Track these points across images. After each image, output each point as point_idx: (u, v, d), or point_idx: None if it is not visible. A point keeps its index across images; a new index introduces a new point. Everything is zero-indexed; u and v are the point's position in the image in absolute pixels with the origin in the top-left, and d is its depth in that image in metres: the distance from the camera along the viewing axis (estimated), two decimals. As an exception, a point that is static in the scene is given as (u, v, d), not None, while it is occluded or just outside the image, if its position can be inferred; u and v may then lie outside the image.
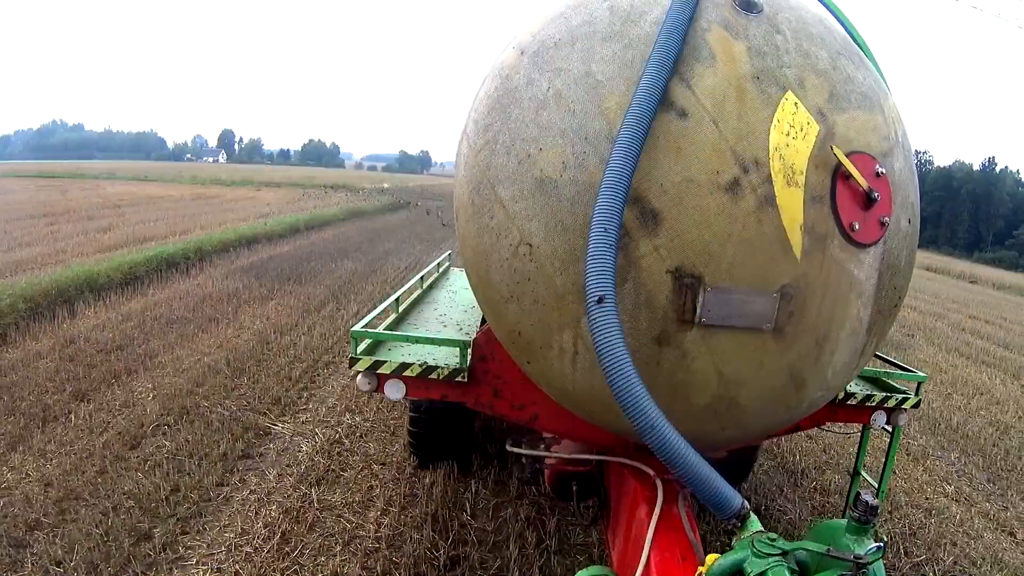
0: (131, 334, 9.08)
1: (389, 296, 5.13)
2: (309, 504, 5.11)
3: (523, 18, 3.27)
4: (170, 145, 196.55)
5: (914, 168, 3.01)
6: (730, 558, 2.19)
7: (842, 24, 3.14)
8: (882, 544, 2.10)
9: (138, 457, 5.67)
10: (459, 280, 7.00)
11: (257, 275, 13.89)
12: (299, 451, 6.04)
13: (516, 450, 4.18)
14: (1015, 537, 5.97)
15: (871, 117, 2.72)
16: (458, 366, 3.78)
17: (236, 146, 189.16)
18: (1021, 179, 79.68)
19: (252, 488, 5.35)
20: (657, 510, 3.16)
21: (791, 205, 2.48)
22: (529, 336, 2.88)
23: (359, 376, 3.88)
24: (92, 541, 4.43)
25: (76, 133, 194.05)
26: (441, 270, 7.40)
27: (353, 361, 3.86)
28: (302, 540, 4.66)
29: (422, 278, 6.31)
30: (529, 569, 4.52)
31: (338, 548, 4.61)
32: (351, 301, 12.05)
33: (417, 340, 4.14)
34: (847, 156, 2.55)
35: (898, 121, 2.91)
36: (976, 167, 78.42)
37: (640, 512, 3.28)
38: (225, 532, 4.72)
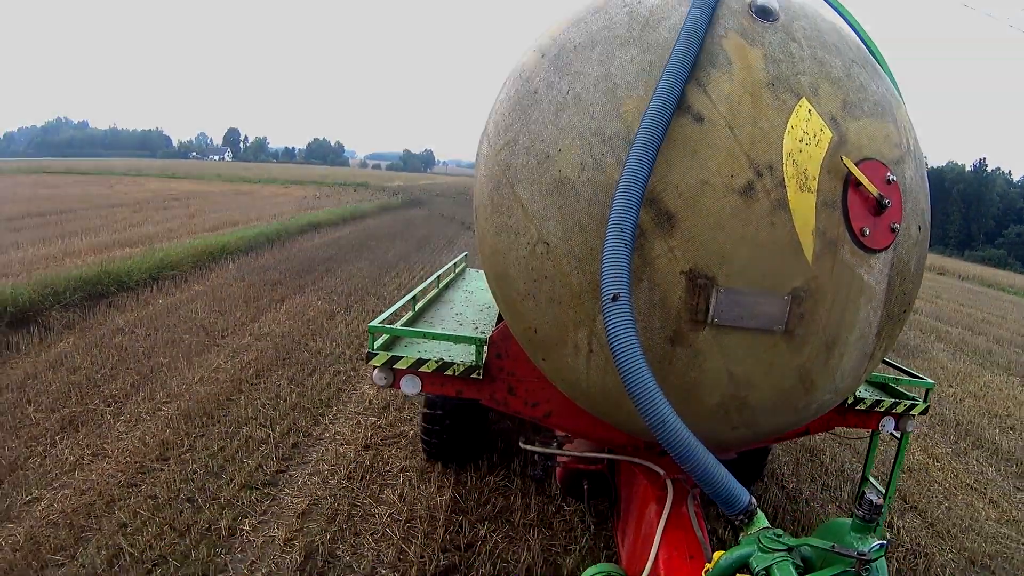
0: (279, 277, 13.63)
1: (407, 293, 5.39)
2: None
3: (543, 21, 3.34)
4: (175, 143, 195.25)
5: (925, 176, 3.04)
6: (736, 553, 2.24)
7: (857, 33, 3.19)
8: (885, 542, 2.15)
9: (332, 323, 10.42)
10: (475, 280, 7.07)
11: (337, 248, 18.61)
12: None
13: (529, 447, 4.23)
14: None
15: (883, 125, 2.76)
16: (474, 363, 3.83)
17: (241, 144, 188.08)
18: (1012, 180, 79.37)
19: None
20: (667, 509, 3.20)
21: (803, 209, 2.54)
22: (545, 333, 2.95)
23: (375, 371, 3.90)
24: (323, 354, 8.84)
25: (81, 130, 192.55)
26: (457, 271, 7.47)
27: (370, 356, 3.89)
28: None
29: (439, 278, 6.39)
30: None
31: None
32: (414, 264, 16.95)
33: (434, 336, 4.20)
34: (859, 163, 2.60)
35: (910, 130, 2.95)
36: (968, 168, 78.26)
37: (650, 511, 3.33)
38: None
